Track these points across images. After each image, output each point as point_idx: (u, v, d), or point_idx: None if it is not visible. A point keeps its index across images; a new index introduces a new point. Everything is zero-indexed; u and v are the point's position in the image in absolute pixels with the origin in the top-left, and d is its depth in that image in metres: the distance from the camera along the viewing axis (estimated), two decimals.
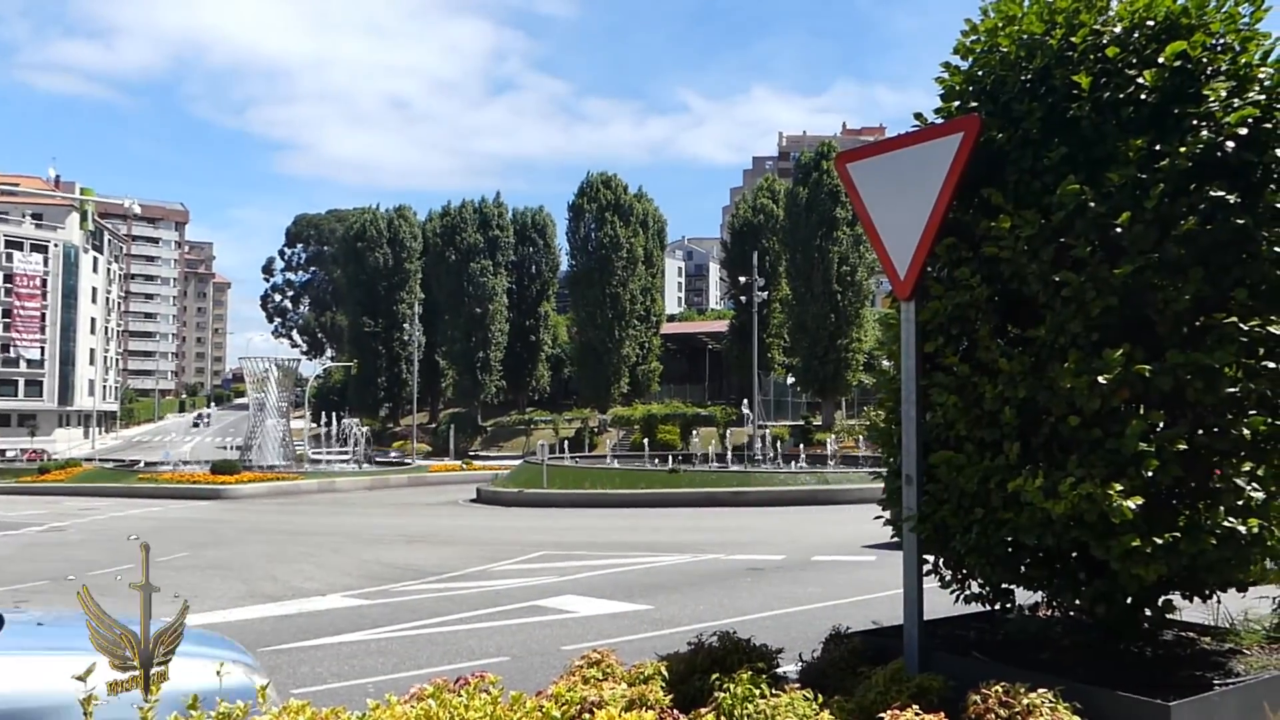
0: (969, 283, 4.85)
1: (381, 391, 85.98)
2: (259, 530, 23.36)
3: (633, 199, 74.55)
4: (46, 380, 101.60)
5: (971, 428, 4.84)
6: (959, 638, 5.62)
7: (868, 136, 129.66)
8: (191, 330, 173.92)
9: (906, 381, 5.13)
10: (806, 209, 60.26)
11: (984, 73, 5.13)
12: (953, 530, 4.96)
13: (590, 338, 72.35)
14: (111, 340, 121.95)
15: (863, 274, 61.04)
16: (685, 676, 4.72)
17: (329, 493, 40.20)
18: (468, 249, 78.67)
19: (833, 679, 4.95)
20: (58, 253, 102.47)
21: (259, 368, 50.61)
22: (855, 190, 5.46)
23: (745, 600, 11.47)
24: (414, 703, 3.65)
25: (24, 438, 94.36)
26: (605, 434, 71.35)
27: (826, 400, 63.76)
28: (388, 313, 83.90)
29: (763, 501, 28.15)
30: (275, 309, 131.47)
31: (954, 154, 4.89)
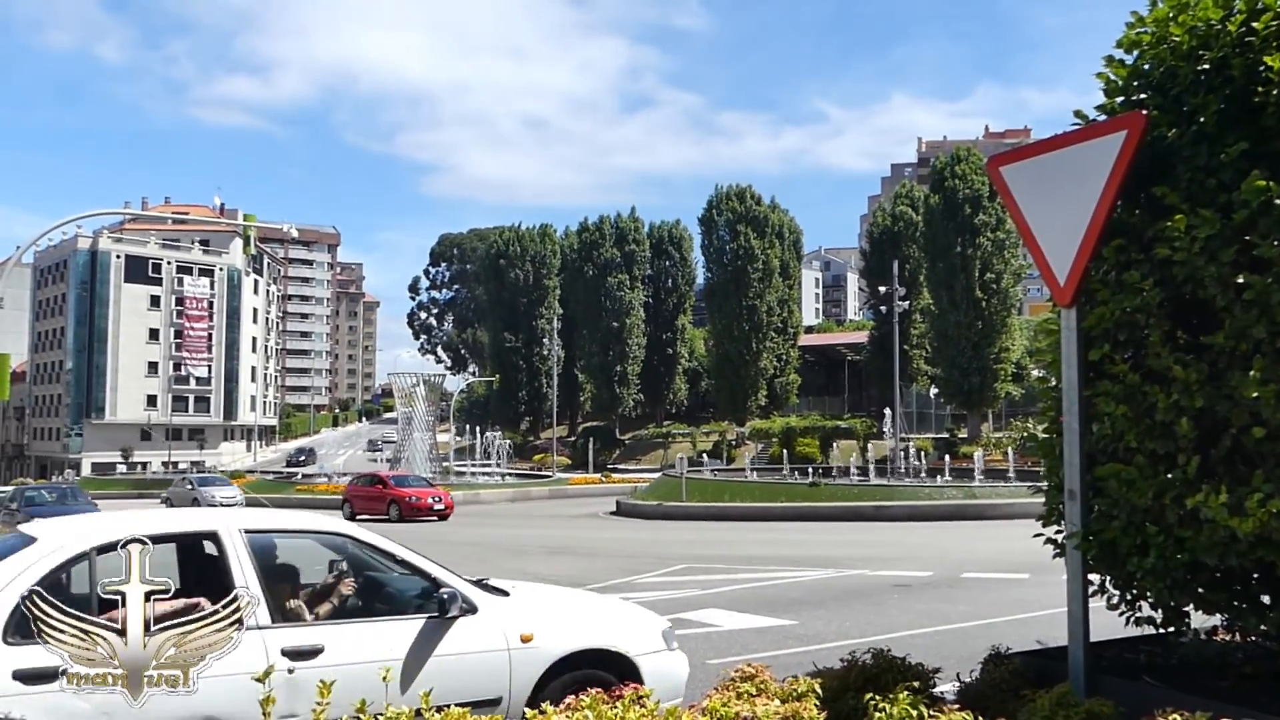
0: (1139, 286, 4.60)
1: (522, 405, 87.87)
2: (407, 541, 24.12)
3: (767, 210, 74.15)
4: (213, 397, 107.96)
5: (1143, 439, 4.58)
6: (1127, 661, 5.33)
7: (1011, 140, 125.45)
8: (343, 348, 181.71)
9: (1068, 391, 4.91)
10: (944, 215, 58.71)
11: (1152, 65, 4.87)
12: (1123, 548, 4.71)
13: (727, 350, 72.18)
14: (271, 358, 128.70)
15: (1008, 280, 59.00)
16: (839, 694, 4.63)
17: (473, 504, 41.28)
18: (605, 264, 79.74)
19: (993, 701, 4.76)
20: (222, 276, 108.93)
21: (407, 383, 52.57)
22: (1010, 194, 5.28)
23: (893, 617, 11.18)
24: (569, 713, 3.68)
25: (194, 451, 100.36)
26: (743, 447, 70.99)
27: (971, 412, 61.80)
28: (528, 328, 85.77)
29: (907, 516, 27.46)
30: (421, 326, 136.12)
31: (1118, 152, 4.66)
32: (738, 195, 73.91)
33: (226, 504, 38.75)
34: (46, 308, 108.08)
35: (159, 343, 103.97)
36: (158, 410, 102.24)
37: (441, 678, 4.99)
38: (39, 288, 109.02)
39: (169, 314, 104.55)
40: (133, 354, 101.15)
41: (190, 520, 5.62)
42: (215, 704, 4.47)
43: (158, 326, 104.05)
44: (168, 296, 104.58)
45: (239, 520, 5.26)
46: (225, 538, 4.98)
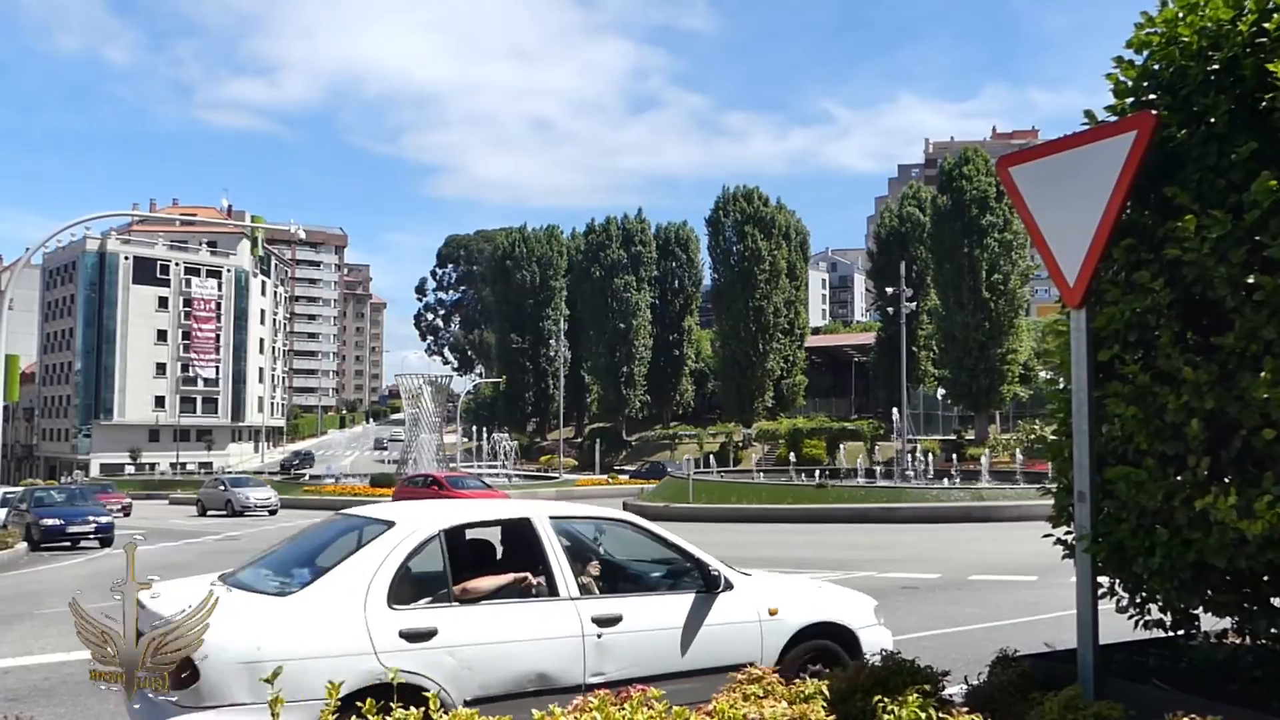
0: (1149, 287, 4.57)
1: (529, 406, 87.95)
2: None
3: (774, 211, 74.11)
4: (221, 398, 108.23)
5: (1153, 441, 4.56)
6: (1136, 664, 5.31)
7: (1019, 140, 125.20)
8: (350, 349, 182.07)
9: (1078, 393, 4.88)
10: (952, 216, 58.64)
11: (1161, 66, 4.85)
12: (1132, 551, 4.69)
13: (734, 351, 72.17)
14: (278, 359, 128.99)
15: (1015, 282, 58.92)
16: (847, 696, 4.61)
17: None
18: (611, 265, 79.78)
19: (1001, 704, 4.74)
20: (230, 277, 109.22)
21: (413, 384, 52.63)
22: (1019, 195, 5.26)
23: (901, 619, 11.13)
24: (577, 715, 3.68)
25: (202, 452, 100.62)
26: (750, 448, 70.98)
27: (979, 414, 61.71)
28: (534, 329, 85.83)
29: (914, 518, 27.41)
30: (428, 327, 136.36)
31: (1127, 153, 4.64)
32: (745, 196, 73.90)
33: (261, 505, 38.49)
34: (55, 309, 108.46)
35: (167, 344, 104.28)
36: (166, 411, 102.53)
37: (710, 643, 5.85)
38: (48, 289, 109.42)
39: (177, 315, 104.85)
40: (141, 355, 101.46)
41: (509, 509, 6.37)
42: (545, 662, 5.32)
43: (166, 328, 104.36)
44: (175, 298, 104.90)
45: (546, 509, 6.11)
46: (537, 524, 5.83)
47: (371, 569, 5.19)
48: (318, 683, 4.37)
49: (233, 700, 4.60)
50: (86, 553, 23.50)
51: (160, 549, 23.55)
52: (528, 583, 5.60)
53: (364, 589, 5.09)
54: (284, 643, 4.80)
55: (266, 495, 40.43)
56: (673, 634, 5.74)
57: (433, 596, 5.31)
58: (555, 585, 5.56)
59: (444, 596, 5.33)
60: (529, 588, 5.58)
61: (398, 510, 6.01)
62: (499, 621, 5.34)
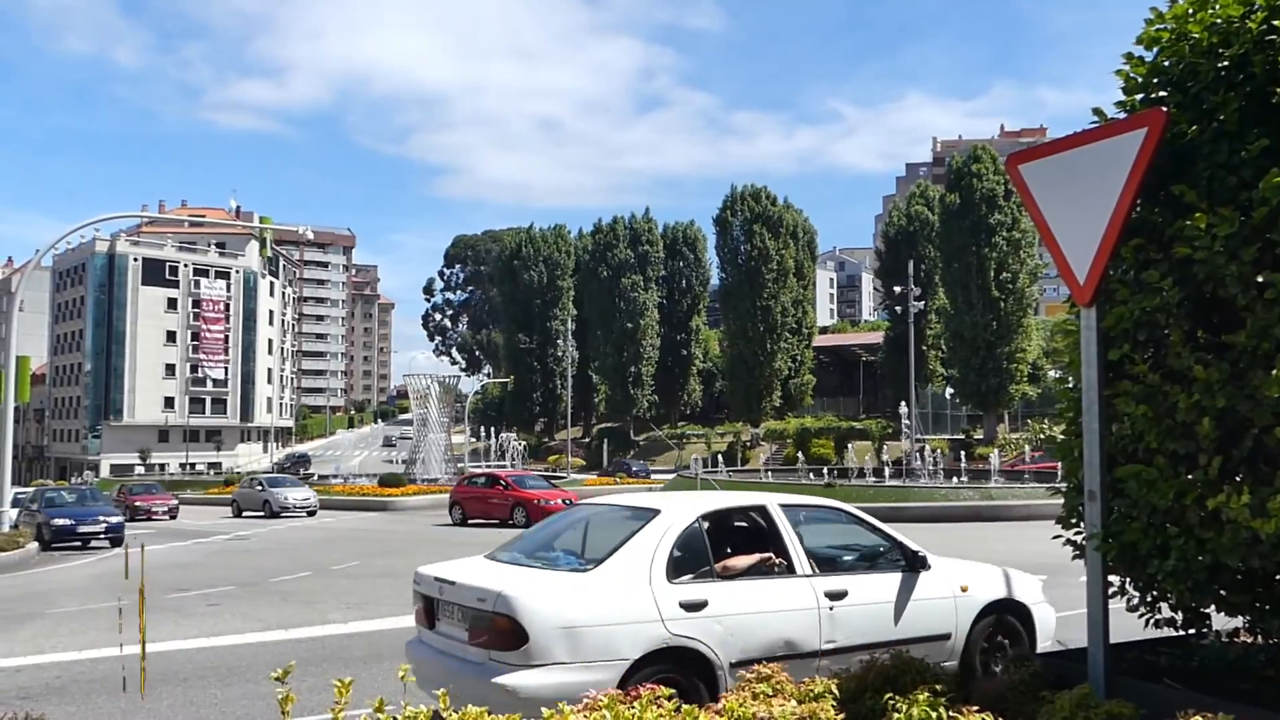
0: (1159, 285, 4.56)
1: (537, 406, 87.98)
2: (425, 541, 24.21)
3: (781, 210, 74.00)
4: (230, 398, 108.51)
5: (1163, 440, 4.55)
6: (1148, 663, 5.29)
7: (1027, 138, 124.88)
8: (359, 349, 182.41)
9: (1088, 391, 4.87)
10: (960, 214, 58.49)
11: (1171, 62, 4.83)
12: (1143, 550, 4.67)
13: (741, 351, 72.09)
14: (286, 360, 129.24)
15: (1024, 280, 58.74)
16: (856, 695, 4.61)
17: None
18: (619, 265, 79.78)
19: (1012, 703, 4.74)
20: (239, 278, 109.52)
21: (421, 384, 52.68)
22: (1028, 193, 5.25)
23: None
24: (587, 712, 3.68)
25: (211, 452, 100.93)
26: (757, 448, 70.92)
27: (988, 413, 61.54)
28: (542, 329, 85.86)
29: (923, 517, 27.34)
30: (435, 328, 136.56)
31: (1138, 150, 4.62)
32: (753, 195, 73.82)
33: (299, 507, 36.95)
34: (65, 310, 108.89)
35: (176, 345, 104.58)
36: (175, 412, 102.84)
37: (916, 615, 6.57)
38: (58, 291, 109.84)
39: (186, 316, 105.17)
40: (150, 356, 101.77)
41: (746, 498, 7.12)
42: (790, 631, 6.08)
43: (174, 329, 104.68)
44: (184, 299, 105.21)
45: (776, 498, 6.87)
46: (771, 510, 6.62)
47: (651, 549, 5.96)
48: (619, 645, 5.50)
49: (555, 660, 5.39)
50: (97, 552, 23.58)
51: (169, 549, 23.63)
52: (771, 561, 6.37)
53: (648, 566, 5.87)
54: (591, 611, 5.59)
55: (305, 496, 38.30)
56: (887, 607, 6.52)
57: (698, 573, 6.04)
58: (792, 564, 6.37)
59: (707, 573, 6.07)
60: (772, 566, 6.34)
61: (660, 500, 6.86)
62: (753, 595, 6.08)
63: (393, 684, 7.01)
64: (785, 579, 6.27)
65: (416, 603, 6.53)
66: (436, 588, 6.16)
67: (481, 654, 5.56)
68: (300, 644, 10.21)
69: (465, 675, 5.53)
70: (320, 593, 14.49)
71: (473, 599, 5.73)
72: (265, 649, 9.98)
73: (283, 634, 10.89)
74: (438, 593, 6.15)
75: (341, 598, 13.83)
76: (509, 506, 29.41)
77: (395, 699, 3.87)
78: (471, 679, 5.47)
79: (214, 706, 7.55)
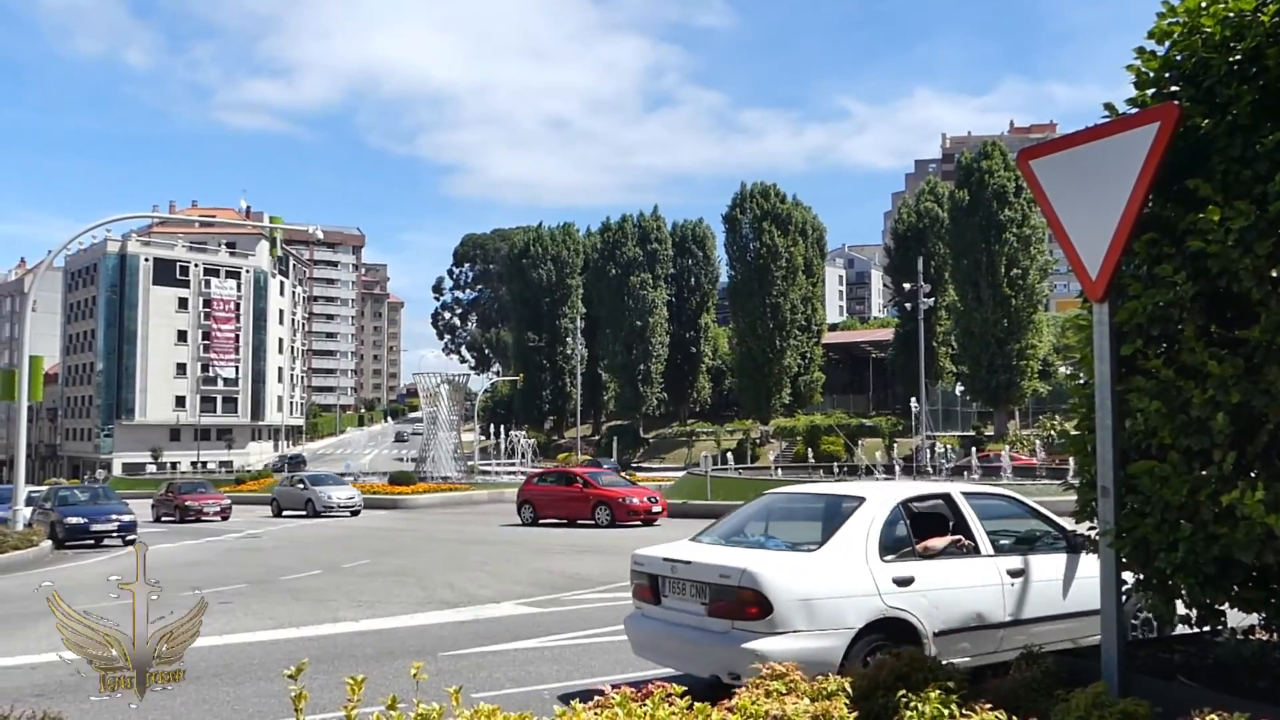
0: (1172, 280, 4.54)
1: (546, 405, 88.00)
2: (435, 539, 24.24)
3: (790, 207, 73.86)
4: (240, 397, 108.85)
5: (1177, 436, 4.53)
6: (1162, 661, 5.27)
7: (1037, 134, 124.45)
8: (368, 348, 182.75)
9: (1101, 387, 4.85)
10: (970, 211, 58.29)
11: (1184, 56, 4.81)
12: (1156, 546, 4.65)
13: (751, 348, 72.00)
14: (297, 359, 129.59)
15: (1034, 277, 58.54)
16: (869, 693, 4.60)
17: (499, 503, 41.33)
18: (628, 263, 79.75)
19: (1026, 701, 4.72)
20: (249, 278, 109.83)
21: (431, 383, 52.71)
22: (1040, 188, 5.23)
23: None
24: (599, 710, 3.68)
25: (222, 451, 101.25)
26: (767, 445, 70.83)
27: (998, 409, 61.38)
28: (551, 328, 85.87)
29: None
30: (445, 326, 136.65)
31: (1150, 145, 4.61)
32: (762, 193, 73.68)
33: (344, 505, 35.20)
34: (77, 310, 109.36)
35: (187, 344, 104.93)
36: (186, 411, 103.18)
37: (1079, 592, 6.91)
38: (70, 291, 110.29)
39: (197, 316, 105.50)
40: (161, 355, 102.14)
41: (934, 487, 7.91)
42: (980, 605, 6.72)
43: (186, 328, 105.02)
44: (195, 298, 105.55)
45: (958, 486, 7.61)
46: (956, 497, 7.30)
47: (865, 532, 6.68)
48: (846, 615, 6.27)
49: (794, 628, 6.15)
50: (109, 550, 23.69)
51: (181, 547, 23.72)
52: (961, 542, 7.00)
53: (864, 547, 6.60)
54: (822, 585, 6.36)
55: (350, 495, 36.25)
56: (1056, 584, 7.06)
57: (902, 553, 6.72)
58: (977, 545, 7.02)
59: (909, 553, 6.74)
60: (962, 546, 6.97)
61: (863, 488, 7.57)
62: (950, 572, 6.73)
63: (404, 682, 7.03)
64: (973, 559, 6.94)
65: (637, 581, 7.33)
66: (668, 567, 6.94)
67: (724, 624, 6.34)
68: (311, 642, 10.24)
69: (706, 642, 6.44)
70: (330, 590, 14.53)
71: (714, 575, 6.51)
72: (277, 647, 10.01)
73: (294, 632, 10.92)
74: (669, 571, 6.93)
75: (354, 596, 13.87)
76: (590, 505, 27.84)
77: (407, 696, 3.87)
78: (714, 645, 6.35)
79: (227, 704, 7.57)
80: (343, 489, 37.00)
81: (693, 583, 6.72)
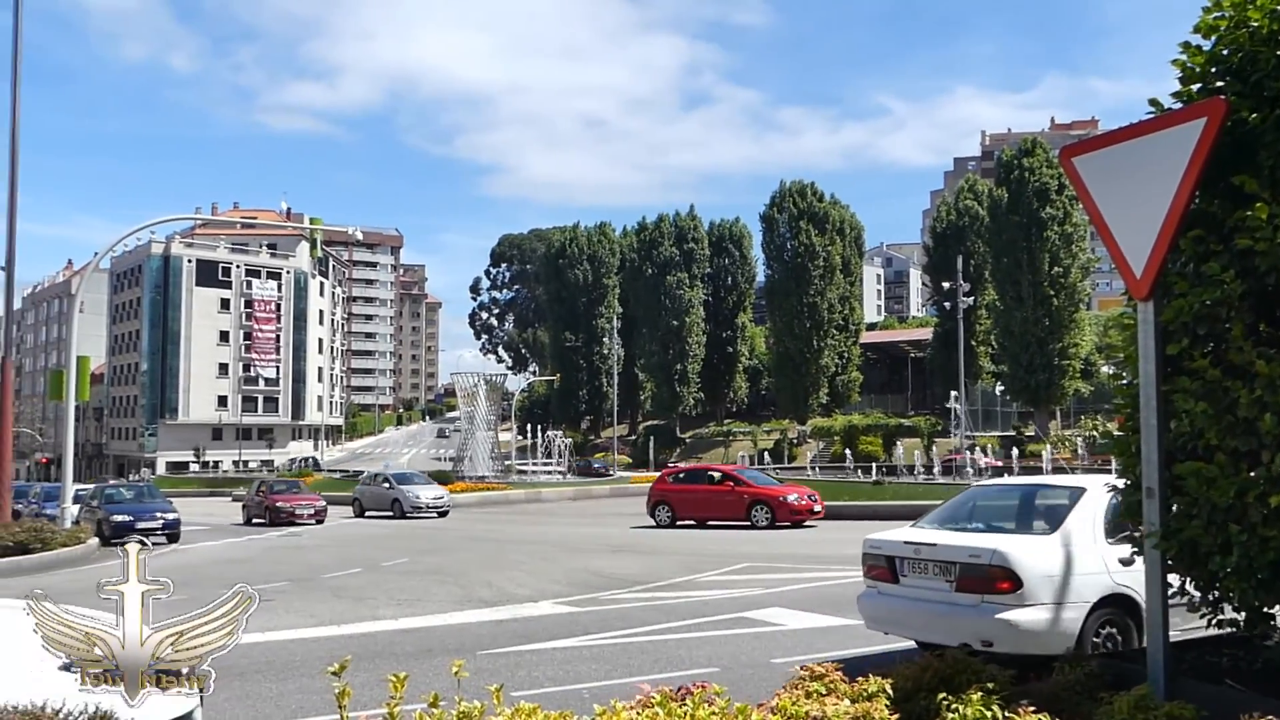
0: (1219, 278, 4.46)
1: (582, 404, 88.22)
2: (473, 538, 24.39)
3: (828, 206, 73.50)
4: (281, 397, 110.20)
5: (1224, 436, 4.45)
6: (1209, 664, 5.19)
7: (1079, 131, 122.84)
8: (407, 348, 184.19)
9: (1146, 387, 4.78)
10: (1010, 209, 57.66)
11: (1230, 50, 4.73)
12: (1204, 548, 4.58)
13: (787, 348, 71.73)
14: (336, 359, 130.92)
15: (1076, 275, 57.79)
16: (911, 694, 4.57)
17: (535, 502, 41.55)
18: (664, 263, 79.75)
19: (1068, 704, 4.67)
20: (289, 279, 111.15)
21: (469, 383, 53.08)
22: (1083, 185, 5.16)
23: None
24: (639, 709, 3.69)
25: (264, 450, 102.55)
26: (804, 445, 70.51)
27: (1039, 409, 60.67)
28: (587, 327, 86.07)
29: None
30: (482, 326, 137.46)
31: (1196, 141, 4.53)
32: (799, 192, 73.39)
33: (432, 506, 33.78)
34: (122, 311, 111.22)
35: (229, 344, 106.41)
36: (228, 410, 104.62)
37: None
38: (115, 292, 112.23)
39: (238, 316, 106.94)
40: (204, 356, 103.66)
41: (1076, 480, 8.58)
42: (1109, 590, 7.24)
43: (228, 329, 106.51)
44: (237, 299, 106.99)
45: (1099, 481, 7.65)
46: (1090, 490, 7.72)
47: (1092, 516, 7.43)
48: (1083, 590, 7.05)
49: (1040, 600, 6.94)
50: (154, 549, 24.11)
51: (224, 545, 24.07)
52: None
53: (1092, 530, 7.36)
54: (1061, 563, 7.13)
55: (438, 494, 34.76)
56: None
57: (1120, 536, 6.91)
58: None
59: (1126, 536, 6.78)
60: None
61: (1081, 479, 8.35)
62: None
63: (444, 680, 7.08)
64: None
65: (871, 563, 8.21)
66: (910, 549, 7.81)
67: (974, 598, 7.16)
68: (352, 639, 10.35)
69: (954, 615, 7.28)
70: (370, 589, 14.66)
71: (963, 555, 7.35)
72: (318, 644, 10.13)
73: (335, 629, 11.05)
74: (912, 553, 7.79)
75: (394, 595, 13.98)
76: (745, 505, 26.05)
77: (448, 694, 3.90)
78: (964, 617, 7.18)
79: (270, 700, 7.67)
80: (430, 488, 35.58)
81: (937, 562, 7.57)
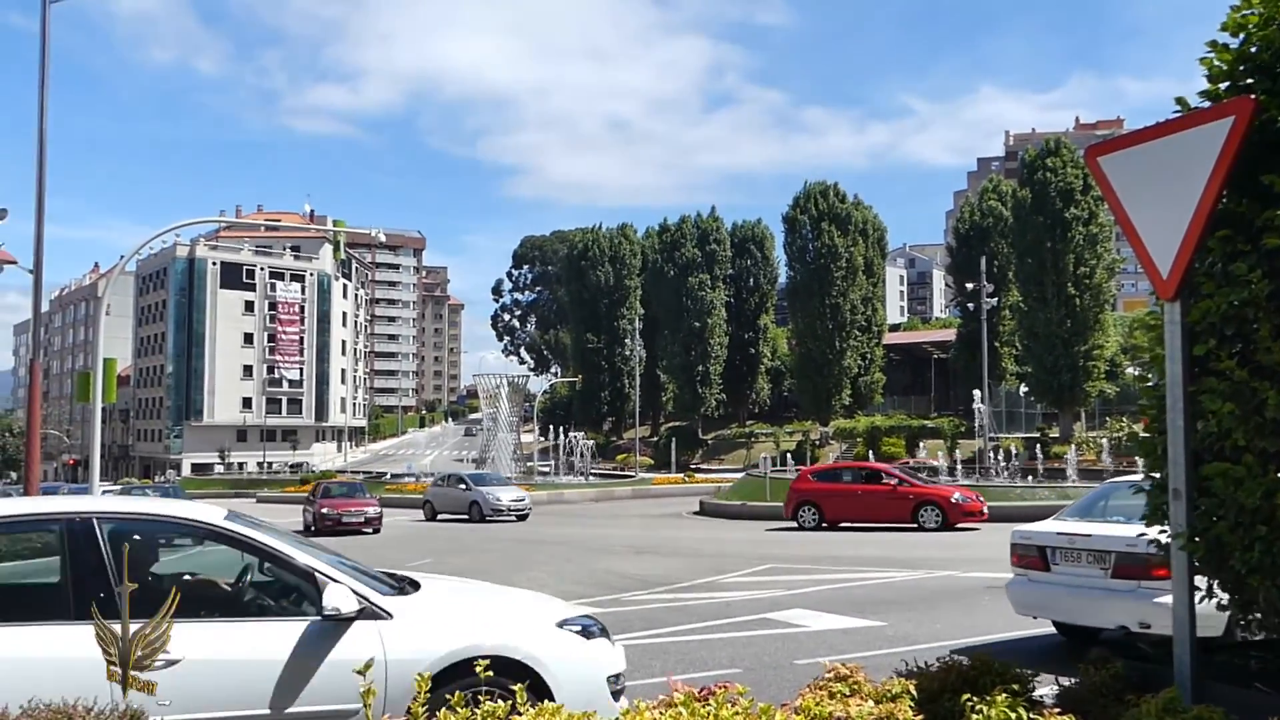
0: (1247, 278, 4.43)
1: (604, 406, 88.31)
2: (496, 539, 24.48)
3: (850, 207, 73.22)
4: (305, 398, 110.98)
5: (1251, 437, 4.42)
6: (1237, 667, 5.15)
7: (1103, 131, 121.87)
8: (429, 350, 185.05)
9: (1172, 388, 4.75)
10: (1034, 209, 57.24)
11: (1259, 48, 4.69)
12: (1231, 549, 4.54)
13: (810, 349, 71.50)
14: (359, 361, 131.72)
15: (1101, 276, 57.25)
16: (935, 696, 4.56)
17: (558, 504, 41.66)
18: (686, 264, 79.71)
19: (1094, 706, 4.64)
20: (313, 281, 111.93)
21: (491, 384, 53.34)
22: (1108, 185, 5.14)
23: (987, 619, 10.96)
24: (663, 709, 3.70)
25: (288, 452, 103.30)
26: (827, 447, 70.28)
27: (1063, 411, 60.19)
28: (609, 329, 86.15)
29: (998, 517, 26.80)
30: (504, 328, 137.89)
31: (1224, 140, 4.50)
32: (822, 193, 73.14)
33: (512, 510, 32.30)
34: (148, 314, 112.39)
35: (253, 346, 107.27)
36: (252, 412, 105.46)
37: None
38: (141, 295, 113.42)
39: (262, 318, 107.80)
40: (228, 358, 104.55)
41: None
42: None
43: (252, 331, 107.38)
44: (261, 301, 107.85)
45: None
46: None
47: None
48: None
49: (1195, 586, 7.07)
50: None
51: None
52: None
53: None
54: None
55: (518, 496, 33.30)
56: None
57: None
58: None
59: None
60: None
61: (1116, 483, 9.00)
62: None
63: None
64: None
65: (1021, 553, 8.91)
66: (1063, 539, 8.45)
67: (1130, 584, 7.72)
68: None
69: (1111, 599, 7.86)
70: None
71: (1120, 545, 7.79)
72: None
73: None
74: (1066, 543, 8.42)
75: None
76: (911, 506, 24.67)
77: None
78: (1121, 602, 7.74)
79: None
80: (509, 490, 34.14)
81: (1091, 551, 8.13)
